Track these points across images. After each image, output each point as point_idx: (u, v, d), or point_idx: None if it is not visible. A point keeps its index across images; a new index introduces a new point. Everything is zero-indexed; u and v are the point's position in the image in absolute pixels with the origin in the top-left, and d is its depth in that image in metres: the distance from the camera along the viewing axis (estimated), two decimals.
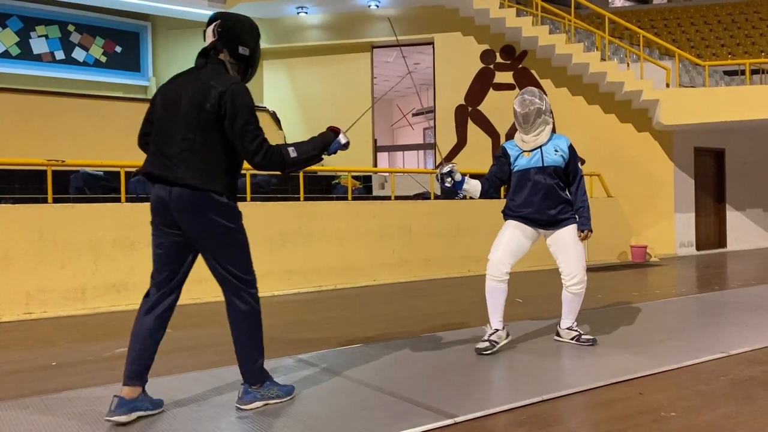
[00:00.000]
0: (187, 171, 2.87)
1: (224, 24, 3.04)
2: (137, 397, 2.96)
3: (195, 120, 2.89)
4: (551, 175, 4.19)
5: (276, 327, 5.44)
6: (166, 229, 2.99)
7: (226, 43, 3.03)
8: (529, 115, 4.16)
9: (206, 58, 3.06)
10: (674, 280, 8.48)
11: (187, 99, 2.92)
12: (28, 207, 6.20)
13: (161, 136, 2.96)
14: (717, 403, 3.14)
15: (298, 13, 12.78)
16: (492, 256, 4.22)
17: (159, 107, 3.01)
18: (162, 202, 2.93)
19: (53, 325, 5.71)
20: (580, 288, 4.28)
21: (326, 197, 9.65)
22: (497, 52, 12.46)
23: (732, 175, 13.09)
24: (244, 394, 3.10)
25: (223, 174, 2.95)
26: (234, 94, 2.89)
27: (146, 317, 3.01)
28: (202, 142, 2.89)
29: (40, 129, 9.43)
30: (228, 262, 3.01)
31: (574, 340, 4.38)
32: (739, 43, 16.59)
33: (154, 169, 2.94)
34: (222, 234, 2.97)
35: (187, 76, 3.03)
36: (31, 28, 12.04)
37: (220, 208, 2.94)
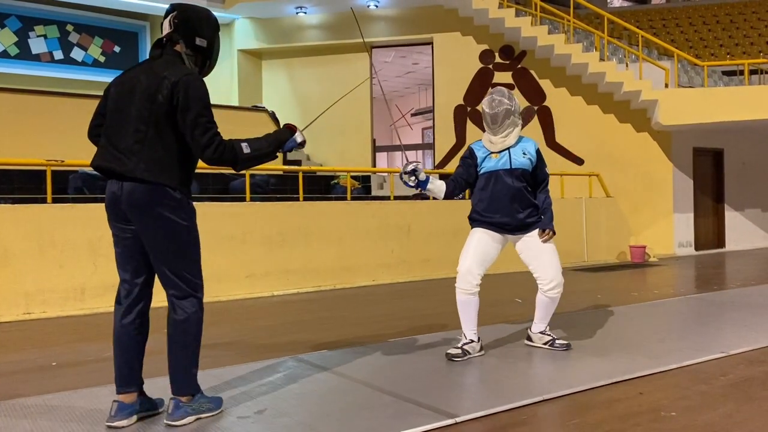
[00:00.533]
0: (138, 164, 2.77)
1: (181, 15, 2.95)
2: (135, 401, 2.95)
3: (147, 112, 2.79)
4: (519, 178, 4.10)
5: (275, 327, 5.44)
6: (122, 225, 2.88)
7: (182, 34, 2.95)
8: (497, 115, 4.07)
9: (161, 49, 2.98)
10: (673, 280, 8.49)
11: (139, 90, 2.83)
12: (28, 207, 6.19)
13: (113, 128, 2.86)
14: (717, 403, 3.15)
15: (297, 13, 12.78)
16: (461, 267, 4.10)
17: (111, 99, 2.92)
18: (114, 197, 2.84)
19: (52, 325, 5.70)
20: (556, 292, 4.18)
21: (325, 197, 9.65)
22: (496, 52, 12.47)
23: (731, 176, 13.11)
24: (174, 409, 2.89)
25: (177, 168, 2.85)
26: (187, 85, 2.80)
27: (122, 323, 2.92)
28: (154, 134, 2.79)
29: (39, 129, 9.42)
30: (176, 263, 2.87)
31: (548, 345, 4.28)
32: (737, 43, 16.61)
33: (103, 161, 2.84)
34: (172, 232, 2.83)
35: (141, 68, 2.95)
36: (29, 28, 12.03)
37: (172, 204, 2.82)
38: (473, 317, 4.14)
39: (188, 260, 2.90)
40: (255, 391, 3.41)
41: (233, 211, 7.30)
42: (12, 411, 3.15)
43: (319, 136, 13.26)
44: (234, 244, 7.18)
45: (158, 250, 2.85)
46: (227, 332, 5.22)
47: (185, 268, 2.89)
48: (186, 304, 2.90)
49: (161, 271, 2.88)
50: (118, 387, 2.92)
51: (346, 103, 13.21)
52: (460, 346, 4.10)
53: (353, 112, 12.95)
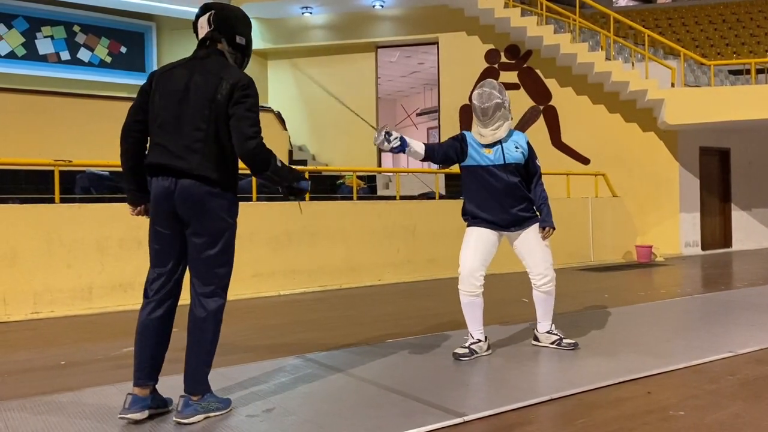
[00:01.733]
0: (202, 162, 2.85)
1: (220, 14, 3.03)
2: (149, 395, 2.97)
3: (207, 111, 2.87)
4: (513, 173, 4.08)
5: (282, 326, 5.45)
6: (167, 221, 2.93)
7: (223, 32, 3.03)
8: (488, 109, 4.03)
9: (206, 48, 3.05)
10: (680, 279, 8.47)
11: (195, 90, 2.90)
12: (36, 207, 6.22)
13: (168, 127, 2.90)
14: (725, 402, 3.14)
15: (302, 13, 12.80)
16: (462, 269, 4.09)
17: (160, 97, 2.95)
18: (166, 192, 2.88)
19: (61, 324, 5.73)
20: (550, 286, 4.17)
21: (331, 197, 9.66)
22: (502, 51, 12.46)
23: (737, 175, 13.06)
24: (184, 406, 2.93)
25: (231, 167, 2.96)
26: (246, 85, 2.91)
27: (150, 317, 2.97)
28: (213, 132, 2.88)
29: (46, 129, 9.46)
30: (214, 260, 2.93)
31: (555, 344, 4.25)
32: (744, 42, 16.55)
33: (163, 159, 2.88)
34: (220, 229, 2.93)
35: (189, 66, 2.99)
36: (36, 29, 12.07)
37: (225, 203, 2.93)
38: (479, 317, 4.14)
39: (225, 260, 2.98)
40: (263, 390, 3.42)
41: (240, 210, 7.27)
42: (22, 409, 3.18)
43: (325, 137, 13.30)
44: (240, 243, 7.13)
45: (202, 245, 2.91)
46: (235, 331, 5.23)
47: (220, 266, 2.96)
48: (210, 303, 2.95)
49: (196, 266, 2.94)
50: (137, 379, 2.96)
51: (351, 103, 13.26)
52: (467, 345, 4.10)
53: (359, 111, 12.94)
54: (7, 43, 11.80)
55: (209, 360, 2.99)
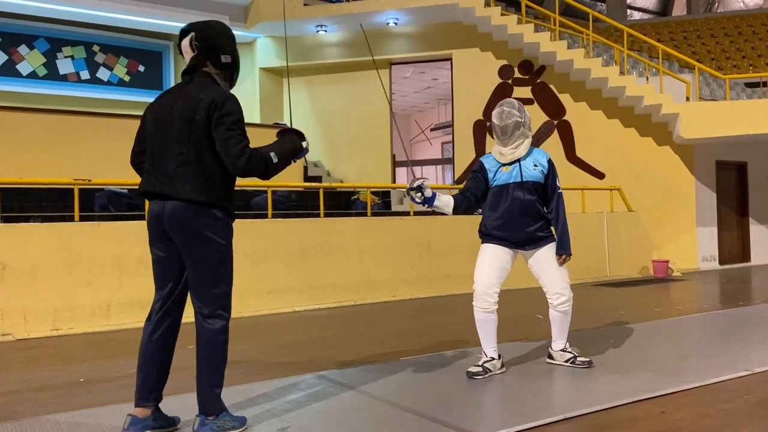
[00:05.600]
0: (184, 185, 2.87)
1: (200, 36, 3.01)
2: (150, 416, 3.00)
3: (188, 134, 2.89)
4: (530, 191, 4.08)
5: (297, 343, 5.49)
6: (162, 244, 2.97)
7: (207, 55, 3.01)
8: (507, 127, 4.06)
9: (191, 74, 3.04)
10: (697, 295, 8.40)
11: (177, 114, 2.92)
12: (56, 225, 6.34)
13: (156, 154, 2.96)
14: (740, 422, 3.12)
15: (317, 31, 12.95)
16: (477, 286, 4.10)
17: (150, 125, 3.01)
18: (157, 216, 2.93)
19: (80, 341, 5.81)
20: (567, 306, 4.16)
21: (346, 213, 9.72)
22: (515, 67, 12.50)
23: (755, 189, 12.93)
24: (199, 426, 2.97)
25: (219, 187, 2.94)
26: (223, 102, 2.89)
27: (150, 340, 3.00)
28: (195, 156, 2.89)
29: (66, 147, 9.63)
30: (209, 281, 2.94)
31: (569, 362, 4.24)
32: (760, 54, 16.45)
33: (151, 187, 2.95)
34: (211, 250, 2.93)
35: (176, 92, 3.03)
36: (57, 49, 12.33)
37: (213, 223, 2.92)
38: (493, 335, 4.14)
39: (222, 280, 2.98)
40: (278, 409, 3.46)
41: (255, 227, 7.40)
42: (42, 427, 3.23)
43: (340, 152, 13.39)
44: (256, 260, 7.26)
45: (196, 267, 2.93)
46: (250, 348, 5.28)
47: (217, 287, 2.96)
48: (213, 324, 2.96)
49: (193, 288, 2.96)
50: (137, 400, 2.99)
51: (366, 119, 13.37)
52: (481, 363, 4.10)
53: (373, 128, 13.06)
54: (29, 63, 12.07)
55: (219, 380, 3.00)
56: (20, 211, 7.46)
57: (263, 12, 12.56)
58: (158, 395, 3.04)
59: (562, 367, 4.24)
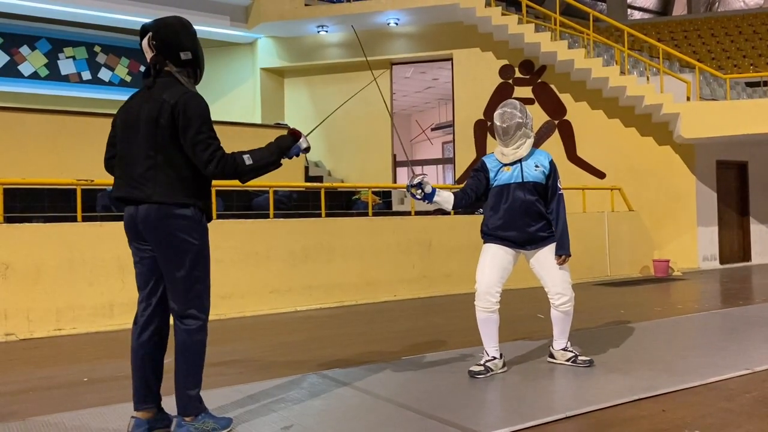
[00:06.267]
0: (154, 189, 2.86)
1: (157, 35, 2.95)
2: (153, 417, 3.01)
3: (153, 137, 2.87)
4: (531, 191, 4.11)
5: (299, 343, 5.51)
6: (140, 246, 2.98)
7: (166, 54, 2.96)
8: (509, 128, 4.09)
9: (154, 74, 2.99)
10: (697, 294, 8.41)
11: (143, 118, 2.90)
12: (58, 225, 6.36)
13: (125, 158, 2.96)
14: (741, 421, 3.14)
15: (318, 31, 12.97)
16: (479, 286, 4.13)
17: (119, 130, 3.01)
18: (130, 218, 2.94)
19: (83, 341, 5.84)
20: (568, 306, 4.20)
21: (347, 213, 9.74)
22: (516, 67, 12.52)
23: (755, 188, 12.95)
24: (177, 427, 2.97)
25: (190, 186, 2.92)
26: (185, 104, 2.86)
27: (138, 342, 3.01)
28: (163, 159, 2.87)
29: (68, 148, 9.65)
30: (184, 282, 2.92)
31: (570, 361, 4.28)
32: (761, 54, 16.46)
33: (123, 192, 2.95)
34: (183, 250, 2.91)
35: (141, 96, 3.01)
36: (59, 50, 12.37)
37: (183, 223, 2.90)
38: (494, 334, 4.16)
39: (196, 280, 2.95)
40: (280, 407, 3.48)
41: (257, 227, 7.42)
42: (47, 427, 3.25)
43: (340, 152, 13.42)
44: (258, 260, 7.28)
45: (169, 267, 2.92)
46: (251, 348, 5.30)
47: (192, 287, 2.94)
48: (189, 325, 2.95)
49: (169, 289, 2.95)
50: (135, 404, 3.01)
51: (366, 119, 13.38)
52: (482, 363, 4.13)
53: (374, 128, 13.08)
54: (31, 64, 12.10)
55: (196, 381, 2.97)
56: (23, 211, 7.49)
57: (264, 12, 12.57)
58: (157, 396, 3.05)
59: (563, 367, 4.26)
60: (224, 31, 12.95)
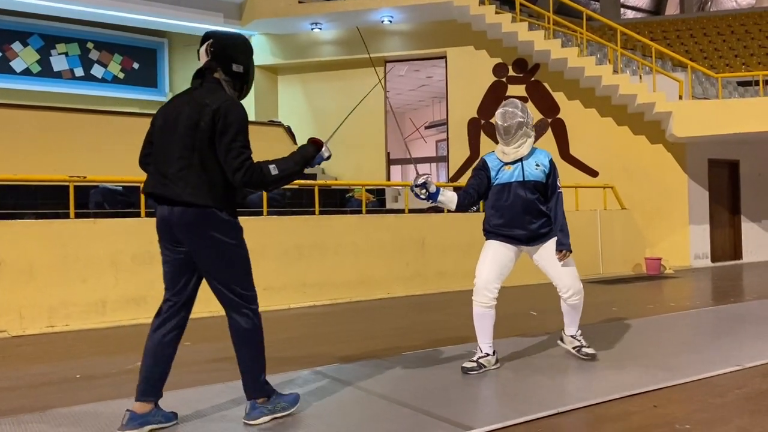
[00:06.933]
0: (185, 189, 2.92)
1: (217, 44, 3.08)
2: (149, 412, 3.04)
3: (191, 139, 2.94)
4: (531, 190, 4.16)
5: (293, 340, 5.51)
6: (171, 246, 3.05)
7: (220, 61, 3.07)
8: (510, 127, 4.14)
9: (201, 78, 3.11)
10: (689, 292, 8.47)
11: (183, 118, 2.97)
12: (51, 222, 6.34)
13: (160, 156, 3.02)
14: (731, 416, 3.17)
15: (312, 29, 12.96)
16: (478, 281, 4.16)
17: (158, 128, 3.08)
18: (165, 221, 3.00)
19: (75, 338, 5.82)
20: (577, 299, 4.27)
21: (340, 211, 9.74)
22: (510, 65, 12.55)
23: (747, 187, 13.04)
24: (251, 409, 3.12)
25: (221, 190, 2.98)
26: (227, 110, 2.93)
27: (156, 334, 3.08)
28: (198, 160, 2.93)
29: (60, 145, 9.62)
30: (228, 279, 3.03)
31: (575, 349, 4.38)
32: (752, 53, 16.55)
33: (153, 188, 3.01)
34: (222, 250, 2.99)
35: (184, 96, 3.10)
36: (51, 46, 12.31)
37: (220, 224, 2.97)
38: (489, 330, 4.19)
39: (239, 275, 3.06)
40: None
41: (250, 225, 7.32)
42: (40, 422, 3.25)
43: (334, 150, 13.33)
44: (251, 257, 7.22)
45: (210, 268, 3.02)
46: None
47: (236, 282, 3.05)
48: (241, 318, 3.08)
49: (215, 288, 3.05)
50: (139, 395, 3.04)
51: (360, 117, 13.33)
52: (475, 359, 4.15)
53: (367, 125, 13.07)
54: (23, 60, 12.04)
55: (261, 366, 3.15)
56: (15, 208, 7.45)
57: (258, 9, 12.56)
58: (159, 391, 3.09)
59: (555, 362, 4.29)
60: (218, 28, 12.88)
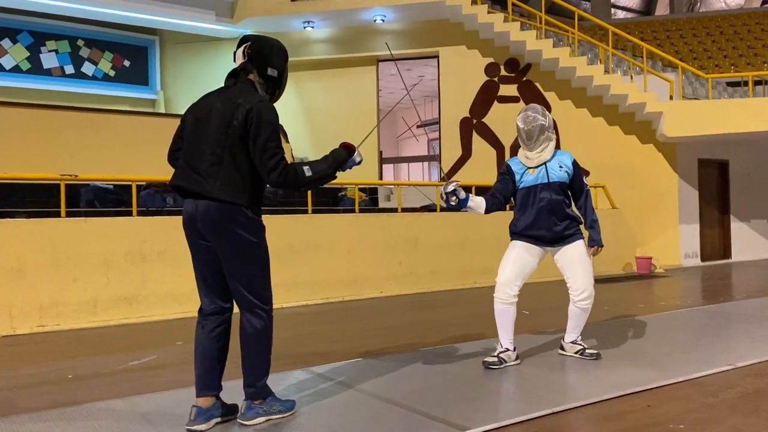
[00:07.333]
0: (215, 184, 2.97)
1: (254, 46, 3.16)
2: (213, 406, 3.11)
3: (223, 136, 2.99)
4: (557, 191, 4.24)
5: (285, 339, 5.50)
6: (198, 242, 3.09)
7: (255, 64, 3.15)
8: (532, 131, 4.21)
9: (235, 78, 3.19)
10: (679, 291, 8.52)
11: (216, 116, 3.03)
12: (42, 221, 6.30)
13: (191, 151, 3.07)
14: (724, 416, 3.19)
15: (304, 27, 12.93)
16: (499, 278, 4.26)
17: (189, 124, 3.13)
18: (190, 216, 3.04)
19: (66, 337, 5.78)
20: (588, 303, 4.32)
21: (333, 209, 9.73)
22: (501, 65, 12.58)
23: (736, 187, 13.14)
24: (246, 409, 3.14)
25: (249, 188, 3.03)
26: (260, 111, 2.99)
27: (203, 330, 3.14)
28: (229, 157, 2.99)
29: (50, 142, 9.55)
30: (246, 277, 3.06)
31: (578, 353, 4.41)
32: (741, 54, 16.67)
33: (181, 182, 3.06)
34: (243, 247, 3.03)
35: (217, 94, 3.15)
36: (41, 43, 12.22)
37: (243, 221, 3.01)
38: (510, 326, 4.27)
39: (257, 274, 3.09)
40: None
41: None
42: (32, 422, 3.22)
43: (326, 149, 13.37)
44: None
45: (230, 264, 3.05)
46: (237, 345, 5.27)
47: (254, 281, 3.08)
48: (255, 318, 3.10)
49: (232, 284, 3.10)
50: (199, 390, 3.11)
51: (353, 116, 13.37)
52: (496, 354, 4.23)
53: (360, 124, 13.05)
54: (12, 57, 11.94)
55: (265, 369, 3.17)
56: (5, 206, 7.39)
57: (250, 8, 12.51)
58: (218, 384, 3.16)
59: (550, 362, 4.31)
60: (210, 26, 12.86)
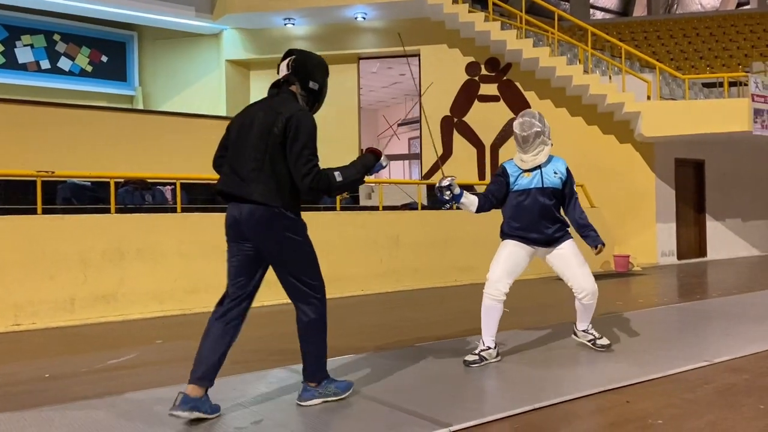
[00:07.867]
0: (257, 188, 3.13)
1: (299, 60, 3.36)
2: (200, 398, 3.13)
3: (264, 142, 3.16)
4: (549, 197, 4.34)
5: (266, 337, 5.48)
6: (239, 244, 3.23)
7: (298, 76, 3.34)
8: (528, 137, 4.32)
9: (278, 89, 3.37)
10: (657, 289, 8.64)
11: (258, 124, 3.22)
12: (17, 218, 6.19)
13: (235, 157, 3.24)
14: (702, 411, 3.24)
15: (285, 24, 12.87)
16: (491, 275, 4.31)
17: (234, 132, 3.31)
18: (234, 219, 3.20)
19: (42, 336, 5.69)
20: (590, 300, 4.43)
21: (314, 207, 9.69)
22: (482, 64, 12.64)
23: (711, 186, 13.35)
24: (303, 392, 3.35)
25: (288, 192, 3.19)
26: (299, 120, 3.16)
27: (217, 323, 3.26)
28: (270, 163, 3.15)
29: (26, 139, 9.39)
30: (298, 272, 3.26)
31: (590, 342, 4.58)
32: (717, 55, 16.95)
33: (226, 187, 3.23)
34: (291, 247, 3.22)
35: (261, 104, 3.33)
36: (16, 38, 12.00)
37: (287, 223, 3.19)
38: (494, 324, 4.32)
39: (306, 268, 3.30)
40: (250, 402, 3.46)
41: (222, 221, 7.31)
42: (9, 424, 3.17)
43: None
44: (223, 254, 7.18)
45: (279, 263, 3.25)
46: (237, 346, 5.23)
47: (304, 274, 3.29)
48: (309, 308, 3.32)
49: (284, 280, 3.28)
50: (191, 378, 3.15)
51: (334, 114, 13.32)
52: (477, 352, 4.26)
53: (341, 123, 13.04)
54: None
55: (321, 353, 3.38)
56: None
57: (230, 4, 12.42)
58: (212, 379, 3.20)
59: (526, 360, 4.35)
60: (189, 21, 12.74)
